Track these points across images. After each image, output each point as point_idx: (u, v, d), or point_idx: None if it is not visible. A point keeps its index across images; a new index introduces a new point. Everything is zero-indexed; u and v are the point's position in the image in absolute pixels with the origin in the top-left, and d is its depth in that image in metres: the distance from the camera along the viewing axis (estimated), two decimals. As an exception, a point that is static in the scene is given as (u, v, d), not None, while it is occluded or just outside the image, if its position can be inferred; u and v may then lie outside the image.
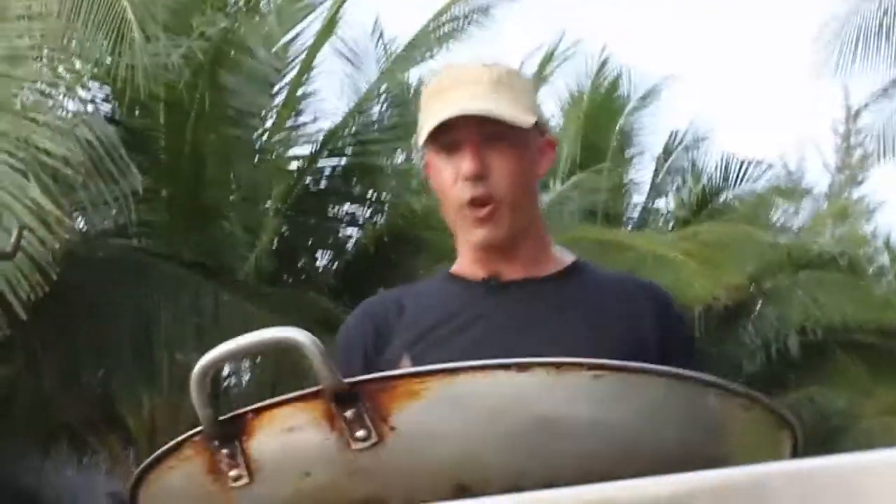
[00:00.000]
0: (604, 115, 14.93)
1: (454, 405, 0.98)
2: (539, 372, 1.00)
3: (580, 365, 1.03)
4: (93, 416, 10.23)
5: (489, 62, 1.98)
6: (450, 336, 1.88)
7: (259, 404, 0.98)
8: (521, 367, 1.00)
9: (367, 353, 1.91)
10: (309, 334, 0.96)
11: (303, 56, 10.62)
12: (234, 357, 1.00)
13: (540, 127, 1.97)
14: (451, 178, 1.89)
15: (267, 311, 8.77)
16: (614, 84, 15.24)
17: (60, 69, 7.59)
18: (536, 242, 1.98)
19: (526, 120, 1.89)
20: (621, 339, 1.88)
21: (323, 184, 10.65)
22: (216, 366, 0.99)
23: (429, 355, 1.80)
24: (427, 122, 1.90)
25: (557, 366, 1.01)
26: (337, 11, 10.54)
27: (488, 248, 1.92)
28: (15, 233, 2.09)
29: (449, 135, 1.88)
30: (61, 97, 8.20)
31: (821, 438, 14.18)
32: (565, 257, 2.01)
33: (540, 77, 13.19)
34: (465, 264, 1.98)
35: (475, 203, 1.88)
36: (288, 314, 8.81)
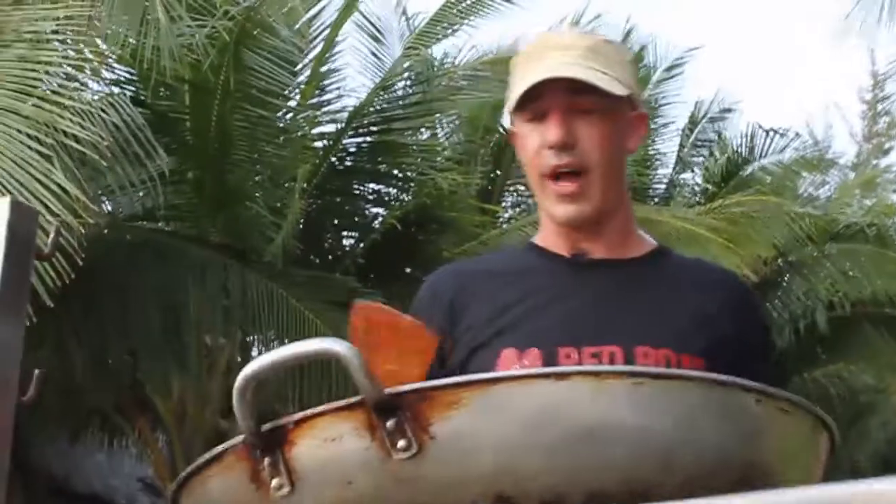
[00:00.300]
0: (629, 87, 14.83)
1: (494, 414, 0.98)
2: (578, 380, 1.01)
3: (620, 373, 1.03)
4: (122, 401, 10.29)
5: (587, 32, 1.95)
6: (532, 313, 1.83)
7: (300, 415, 0.99)
8: (561, 376, 1.01)
9: (452, 308, 1.88)
10: (349, 345, 0.97)
11: (326, 33, 10.61)
12: (275, 369, 1.00)
13: (633, 100, 1.91)
14: (535, 146, 1.84)
15: (294, 292, 8.79)
16: (639, 55, 15.14)
17: (85, 52, 7.60)
18: (623, 222, 1.93)
19: (617, 90, 1.83)
20: (702, 328, 1.84)
21: (348, 162, 10.64)
22: (257, 378, 1.00)
23: (511, 332, 1.80)
24: (516, 87, 1.86)
25: (597, 374, 1.02)
26: (359, -14, 10.52)
27: (571, 225, 1.88)
28: (52, 233, 2.07)
29: (537, 102, 1.83)
30: (86, 80, 8.22)
31: (850, 416, 14.12)
32: (649, 240, 1.97)
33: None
34: (549, 236, 1.93)
35: (560, 175, 1.83)
36: (315, 294, 8.84)
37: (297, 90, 10.40)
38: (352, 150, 10.61)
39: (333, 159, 10.37)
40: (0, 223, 2.11)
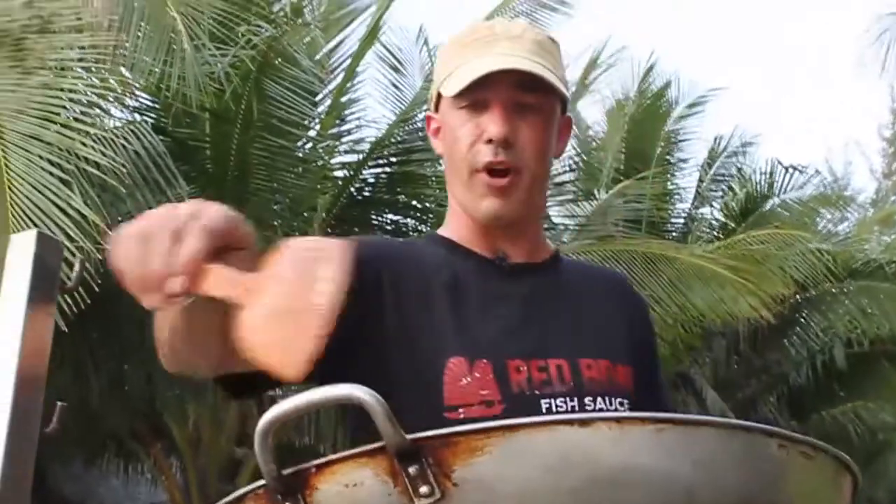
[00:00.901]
0: (649, 121, 14.88)
1: (516, 460, 0.97)
2: (601, 426, 1.00)
3: (642, 419, 1.03)
4: (138, 426, 10.30)
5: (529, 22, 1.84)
6: (471, 318, 1.71)
7: (321, 460, 0.99)
8: (583, 423, 1.00)
9: (379, 278, 1.70)
10: (372, 392, 0.96)
11: (346, 63, 10.66)
12: (299, 413, 1.00)
13: (564, 103, 1.82)
14: (469, 139, 1.73)
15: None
16: (661, 90, 15.18)
17: (110, 80, 7.66)
18: (539, 225, 1.89)
19: (564, 91, 1.75)
20: (623, 335, 1.83)
21: (366, 193, 10.67)
22: (279, 423, 1.00)
23: (453, 338, 1.68)
24: (459, 70, 1.74)
25: (619, 420, 1.01)
26: (380, 18, 10.56)
27: (494, 222, 1.77)
28: (77, 265, 2.06)
29: (479, 91, 1.72)
30: (109, 108, 8.28)
31: (868, 453, 14.04)
32: (548, 243, 1.92)
33: (583, 83, 13.17)
34: (466, 234, 1.82)
35: (493, 171, 1.72)
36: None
37: (316, 120, 10.44)
38: (370, 180, 10.64)
39: (352, 189, 10.40)
40: (26, 256, 2.13)
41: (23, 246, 2.13)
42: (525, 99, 1.72)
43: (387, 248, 1.83)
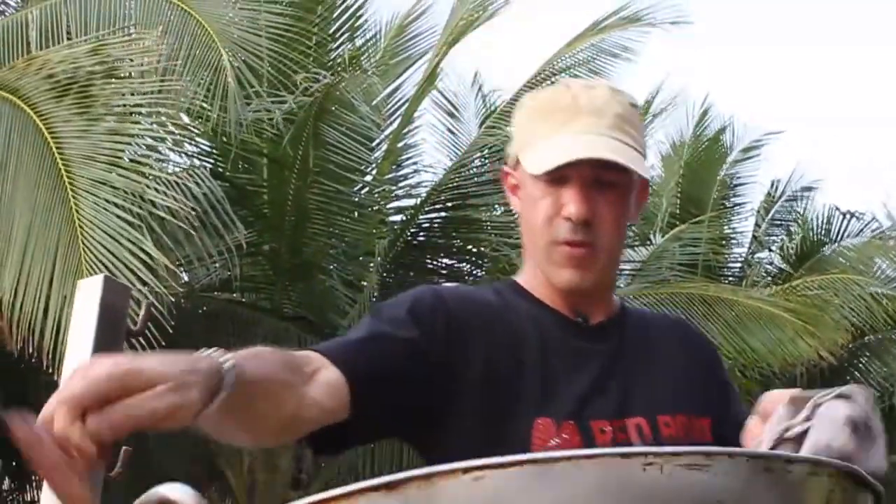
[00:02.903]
0: (705, 165, 14.82)
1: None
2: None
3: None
4: (193, 469, 10.33)
5: (613, 87, 1.81)
6: (556, 379, 1.72)
7: None
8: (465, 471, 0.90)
9: (458, 330, 1.70)
10: (186, 489, 0.95)
11: (403, 109, 10.73)
12: None
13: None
14: (548, 213, 1.75)
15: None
16: (717, 134, 15.13)
17: (169, 125, 7.76)
18: (613, 288, 1.91)
19: (644, 170, 1.76)
20: (698, 386, 1.83)
21: (422, 237, 10.68)
22: None
23: (539, 398, 1.69)
24: (541, 146, 1.75)
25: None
26: (437, 65, 10.62)
27: (573, 292, 1.79)
28: (143, 308, 2.07)
29: (559, 168, 1.72)
30: (169, 152, 8.38)
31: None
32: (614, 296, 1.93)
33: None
34: (545, 292, 1.82)
35: (571, 243, 1.74)
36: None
37: (373, 165, 10.50)
38: (425, 225, 10.66)
39: (408, 234, 10.43)
40: (93, 300, 2.16)
41: (90, 291, 2.17)
42: (605, 176, 1.74)
43: (473, 297, 1.82)
